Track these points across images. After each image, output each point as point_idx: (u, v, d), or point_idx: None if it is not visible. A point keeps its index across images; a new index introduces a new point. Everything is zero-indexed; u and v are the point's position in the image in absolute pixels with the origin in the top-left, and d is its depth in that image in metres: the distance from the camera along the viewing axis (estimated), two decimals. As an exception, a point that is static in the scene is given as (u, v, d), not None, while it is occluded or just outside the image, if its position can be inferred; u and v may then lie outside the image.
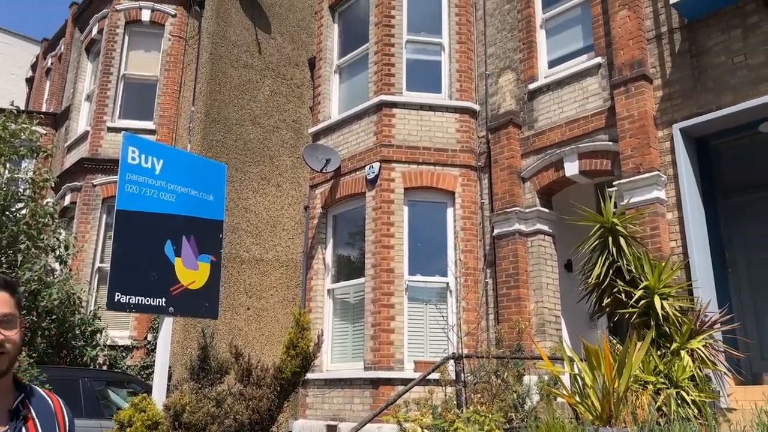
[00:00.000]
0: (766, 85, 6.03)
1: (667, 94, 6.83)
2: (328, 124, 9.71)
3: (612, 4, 7.41)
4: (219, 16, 10.84)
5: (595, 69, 7.60)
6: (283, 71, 11.44)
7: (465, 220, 8.36)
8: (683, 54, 6.79)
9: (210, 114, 10.28)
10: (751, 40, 6.25)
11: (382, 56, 9.09)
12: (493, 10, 9.12)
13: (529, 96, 8.28)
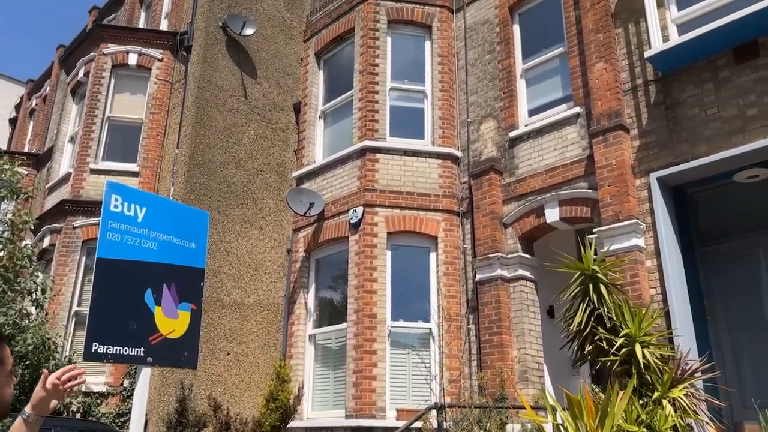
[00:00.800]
0: (739, 137, 6.22)
1: (643, 143, 7.00)
2: (312, 168, 9.78)
3: (589, 56, 7.65)
4: (206, 61, 10.98)
5: (573, 118, 7.79)
6: (269, 115, 11.56)
7: (448, 265, 8.39)
8: (658, 105, 7.00)
9: (194, 157, 10.30)
10: (723, 94, 6.47)
11: (367, 102, 9.24)
12: (475, 60, 9.35)
13: (510, 143, 8.43)
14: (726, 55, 6.53)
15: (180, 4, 12.46)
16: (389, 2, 9.76)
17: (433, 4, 9.81)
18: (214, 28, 11.28)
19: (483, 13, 9.45)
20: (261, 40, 11.91)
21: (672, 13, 7.15)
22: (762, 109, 6.13)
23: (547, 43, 8.62)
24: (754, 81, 6.26)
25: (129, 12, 15.01)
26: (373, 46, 9.52)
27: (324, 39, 10.44)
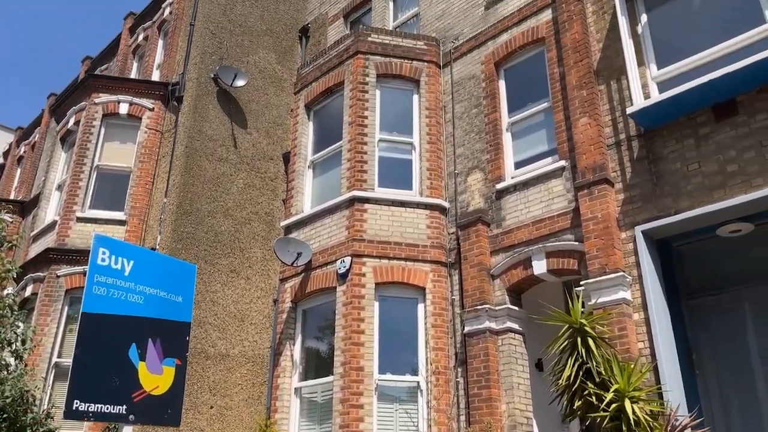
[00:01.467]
0: (720, 192, 6.35)
1: (628, 197, 7.11)
2: (300, 217, 9.80)
3: (573, 111, 7.83)
4: (196, 111, 11.10)
5: (559, 171, 7.92)
6: (258, 165, 11.64)
7: (436, 316, 8.35)
8: (641, 160, 7.14)
9: (182, 206, 10.30)
10: (704, 150, 6.63)
11: (355, 153, 9.35)
12: (462, 114, 9.54)
13: (497, 195, 8.53)
14: (706, 112, 6.72)
15: (172, 55, 12.67)
16: (378, 57, 9.99)
17: (421, 60, 10.06)
18: (205, 79, 11.46)
19: (469, 68, 9.70)
20: (252, 91, 12.09)
21: (652, 71, 7.39)
22: (742, 165, 6.28)
23: (533, 98, 8.83)
24: (733, 138, 6.43)
25: (122, 62, 15.23)
26: (363, 98, 9.69)
27: (314, 91, 10.63)
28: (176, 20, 13.12)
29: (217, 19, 12.11)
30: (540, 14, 8.92)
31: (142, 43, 14.95)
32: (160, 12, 14.32)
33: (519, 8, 9.25)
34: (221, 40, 12.02)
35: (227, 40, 12.12)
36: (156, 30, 14.29)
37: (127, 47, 15.46)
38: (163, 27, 14.21)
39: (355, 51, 10.02)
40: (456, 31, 10.19)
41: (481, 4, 9.94)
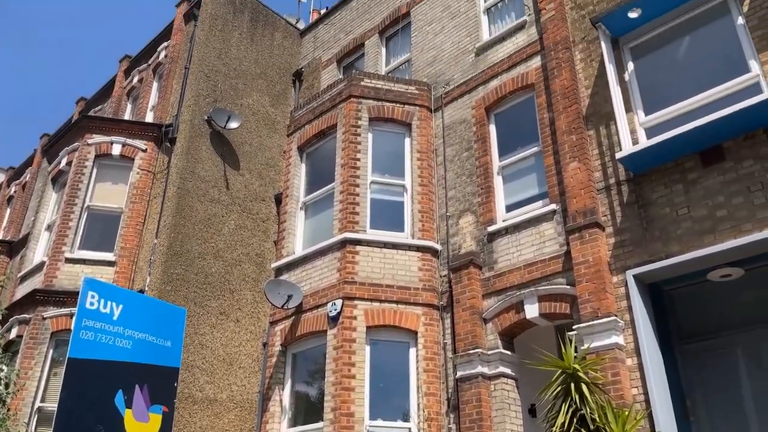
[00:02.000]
0: (710, 237, 6.40)
1: (619, 241, 7.15)
2: (291, 259, 9.75)
3: (563, 156, 7.93)
4: (189, 153, 11.15)
5: (550, 215, 7.97)
6: (250, 206, 11.65)
7: (428, 361, 8.25)
8: (631, 204, 7.21)
9: (173, 247, 10.24)
10: (693, 195, 6.71)
11: (347, 195, 9.38)
12: (453, 157, 9.64)
13: (489, 238, 8.55)
14: (693, 157, 6.83)
15: (166, 97, 12.79)
16: (371, 101, 10.13)
17: (413, 104, 10.20)
18: (199, 121, 11.55)
19: (460, 113, 9.84)
20: (245, 133, 12.19)
21: (640, 117, 7.53)
22: (730, 210, 6.35)
23: (523, 142, 8.95)
24: (721, 183, 6.52)
25: (116, 104, 15.34)
26: (355, 141, 9.78)
27: (307, 133, 10.72)
28: (171, 63, 13.29)
29: (212, 62, 12.29)
30: (529, 61, 9.12)
31: (137, 85, 15.10)
32: (156, 55, 14.52)
33: (509, 55, 9.46)
34: (215, 83, 12.17)
35: (221, 83, 12.27)
36: (151, 72, 14.45)
37: (122, 89, 15.61)
38: (158, 70, 14.38)
39: (348, 95, 10.16)
40: (447, 76, 10.38)
41: (471, 50, 10.16)
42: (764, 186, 6.20)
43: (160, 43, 14.65)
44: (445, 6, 11.08)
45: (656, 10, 7.61)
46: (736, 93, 6.71)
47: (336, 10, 13.83)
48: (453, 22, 10.77)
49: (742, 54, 6.91)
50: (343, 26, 13.38)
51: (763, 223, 6.08)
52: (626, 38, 8.01)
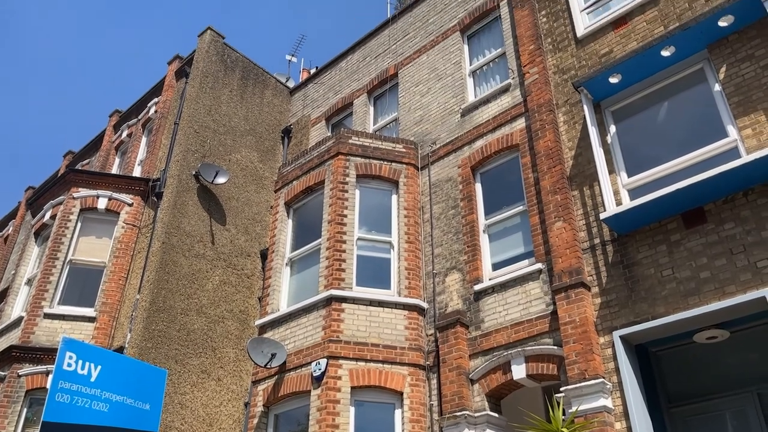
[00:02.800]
0: (695, 298, 6.42)
1: (605, 301, 7.15)
2: (275, 316, 9.62)
3: (548, 215, 8.01)
4: (176, 207, 11.12)
5: (536, 274, 7.98)
6: (235, 261, 11.56)
7: (414, 423, 8.06)
8: (616, 264, 7.25)
9: (155, 303, 10.08)
10: (676, 256, 6.77)
11: (334, 252, 9.35)
12: (440, 214, 9.70)
13: (475, 296, 8.52)
14: (676, 219, 6.93)
15: (155, 152, 12.86)
16: (359, 158, 10.25)
17: (400, 162, 10.33)
18: (186, 176, 11.58)
19: (446, 171, 9.97)
20: (232, 188, 12.22)
21: (623, 179, 7.66)
22: (714, 272, 6.40)
23: (508, 201, 9.04)
24: (703, 245, 6.60)
25: (104, 157, 15.38)
26: (342, 197, 9.83)
27: (295, 189, 10.77)
28: (161, 119, 13.43)
29: (202, 118, 12.42)
30: (514, 122, 9.32)
31: (126, 140, 15.19)
32: (146, 110, 14.68)
33: (494, 116, 9.67)
34: (204, 138, 12.28)
35: (210, 139, 12.38)
36: (140, 127, 14.58)
37: (110, 143, 15.69)
38: (147, 125, 14.51)
39: (336, 152, 10.28)
40: (433, 135, 10.57)
41: (457, 111, 10.38)
42: (746, 248, 6.28)
43: (150, 98, 14.84)
44: (431, 68, 11.38)
45: (636, 76, 7.86)
46: (716, 156, 6.89)
47: (325, 70, 14.15)
48: (439, 84, 11.04)
49: (720, 119, 7.13)
50: (332, 85, 13.66)
51: (746, 285, 6.12)
52: (608, 102, 8.24)
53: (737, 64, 7.15)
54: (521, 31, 9.83)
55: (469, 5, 11.32)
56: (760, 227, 6.27)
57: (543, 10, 9.88)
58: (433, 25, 11.91)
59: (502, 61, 10.40)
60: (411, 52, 12.04)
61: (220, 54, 13.58)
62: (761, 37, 7.05)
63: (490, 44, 10.84)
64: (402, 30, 12.60)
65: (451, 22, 11.52)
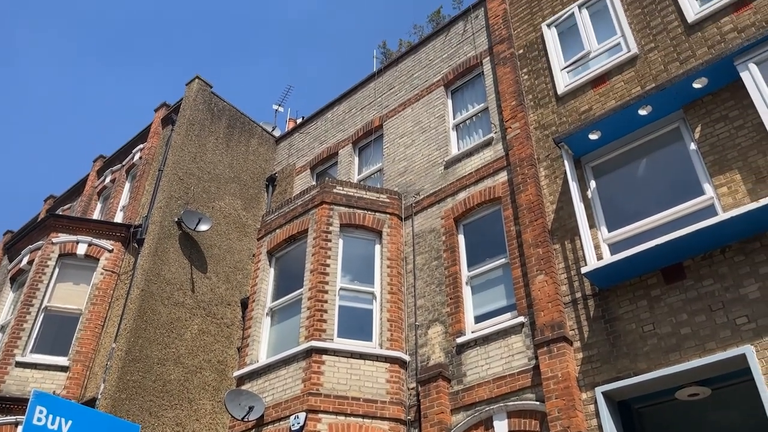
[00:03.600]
0: (676, 355, 6.42)
1: (587, 356, 7.13)
2: (254, 368, 9.43)
3: (530, 268, 8.05)
4: (156, 254, 11.01)
5: (519, 327, 7.96)
6: (215, 310, 11.39)
7: (393, 480, 7.85)
8: (598, 319, 7.26)
9: (131, 352, 9.85)
10: (657, 311, 6.80)
11: (316, 302, 9.27)
12: (423, 265, 9.70)
13: (458, 350, 8.45)
14: (656, 274, 6.99)
15: (138, 198, 12.81)
16: (342, 208, 10.29)
17: (384, 212, 10.38)
18: (169, 222, 11.51)
19: (430, 222, 10.03)
20: (215, 235, 12.15)
21: (603, 233, 7.75)
22: (694, 328, 6.43)
23: (491, 253, 9.08)
24: (683, 301, 6.65)
25: (86, 203, 15.28)
26: (326, 247, 9.81)
27: (278, 238, 10.74)
28: (145, 165, 13.43)
29: (187, 165, 12.45)
30: (496, 175, 9.46)
31: (109, 185, 15.13)
32: (131, 156, 14.69)
33: (476, 169, 9.81)
34: (188, 185, 12.27)
35: (194, 186, 12.38)
36: (124, 173, 14.55)
37: (93, 188, 15.61)
38: (131, 171, 14.49)
39: (320, 201, 10.31)
40: (417, 186, 10.67)
41: (440, 163, 10.52)
42: (725, 305, 6.33)
43: (135, 145, 14.87)
44: (416, 121, 11.58)
45: (615, 133, 8.06)
46: (694, 213, 7.01)
47: (311, 120, 14.33)
48: (423, 136, 11.22)
49: (696, 177, 7.29)
50: (317, 135, 13.82)
51: (726, 343, 6.15)
52: (588, 158, 8.41)
53: (712, 124, 7.37)
54: (503, 88, 10.09)
55: (453, 61, 11.63)
56: (738, 284, 6.34)
57: (525, 68, 10.17)
58: (418, 79, 12.19)
59: (484, 116, 10.62)
60: (396, 105, 12.27)
61: (207, 102, 13.72)
62: (734, 99, 7.30)
63: (474, 99, 11.09)
64: (387, 83, 12.86)
65: (436, 77, 11.79)
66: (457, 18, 12.21)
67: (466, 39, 11.67)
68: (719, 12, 8.07)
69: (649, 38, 8.69)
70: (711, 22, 8.10)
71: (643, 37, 8.78)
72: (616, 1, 9.43)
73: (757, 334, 5.99)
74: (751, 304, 6.16)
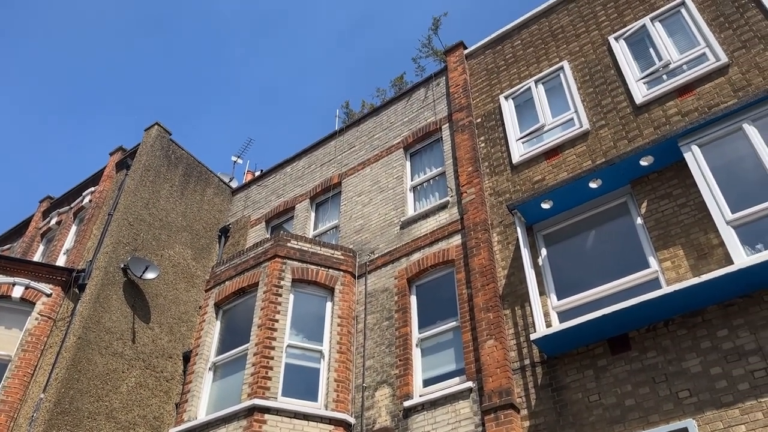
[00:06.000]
0: (620, 426, 6.43)
1: (533, 425, 7.07)
2: (192, 425, 9.00)
3: (480, 333, 8.05)
4: (98, 301, 10.57)
5: (466, 392, 7.87)
6: (155, 362, 10.92)
7: None
8: (545, 387, 7.25)
9: (61, 404, 9.29)
10: (603, 381, 6.84)
11: (261, 358, 9.00)
12: (374, 325, 9.59)
13: (404, 413, 8.27)
14: (602, 345, 7.08)
15: (83, 242, 12.39)
16: (296, 262, 10.17)
17: (338, 269, 10.31)
18: (114, 268, 11.13)
19: (383, 281, 9.99)
20: (161, 284, 11.79)
21: (552, 300, 7.85)
22: (638, 400, 6.48)
23: (442, 315, 9.06)
24: (628, 372, 6.72)
25: (27, 244, 14.68)
26: (275, 301, 9.63)
27: (226, 290, 10.49)
28: (95, 209, 13.07)
29: (138, 211, 12.18)
30: (450, 238, 9.56)
31: (54, 227, 14.62)
32: (80, 199, 14.29)
33: (431, 231, 9.91)
34: (138, 231, 11.97)
35: (144, 233, 12.08)
36: (71, 215, 14.11)
37: (36, 230, 15.05)
38: (79, 214, 14.07)
39: (274, 254, 10.18)
40: (372, 245, 10.67)
41: (397, 223, 10.59)
42: (668, 378, 6.43)
43: (86, 187, 14.51)
44: (374, 180, 11.70)
45: (566, 203, 8.30)
46: (639, 285, 7.19)
47: (270, 174, 14.32)
48: (381, 196, 11.32)
49: (642, 250, 7.52)
50: (275, 189, 13.78)
51: (669, 416, 6.21)
52: (540, 226, 8.60)
53: (657, 200, 7.68)
54: (461, 154, 10.34)
55: (414, 126, 11.91)
56: (680, 357, 6.46)
57: (482, 136, 10.48)
58: (378, 140, 12.39)
59: (441, 180, 10.82)
60: (356, 164, 12.40)
61: (165, 149, 13.58)
62: (678, 178, 7.65)
63: (431, 162, 11.31)
64: (348, 142, 13.03)
65: (396, 139, 12.02)
66: (420, 84, 12.58)
67: (427, 105, 12.00)
68: (665, 96, 8.56)
69: (600, 116, 9.11)
70: (657, 105, 8.56)
71: (594, 114, 9.21)
72: (570, 79, 9.91)
73: (699, 408, 6.07)
74: (692, 378, 6.27)
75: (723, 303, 6.48)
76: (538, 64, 10.70)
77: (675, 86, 8.50)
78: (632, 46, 9.63)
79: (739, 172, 7.02)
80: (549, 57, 10.62)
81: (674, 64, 8.79)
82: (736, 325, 6.29)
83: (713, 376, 6.15)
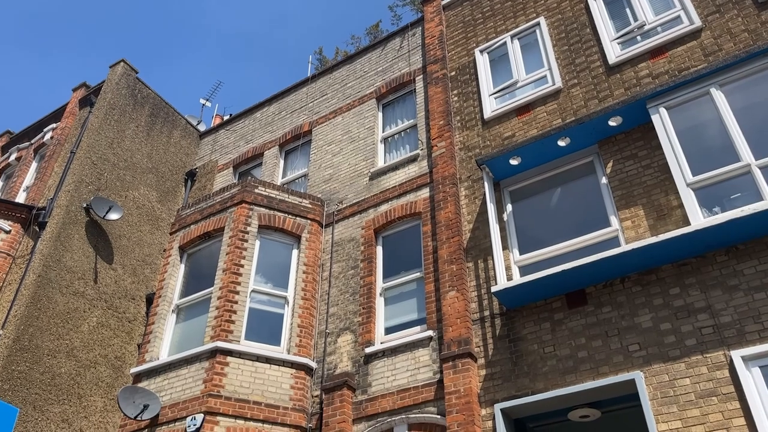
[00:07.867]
0: (572, 376, 6.69)
1: (489, 374, 7.30)
2: (154, 365, 9.05)
3: (443, 284, 8.19)
4: (59, 240, 10.40)
5: (426, 341, 8.05)
6: (117, 303, 10.86)
7: (288, 488, 7.71)
8: (503, 338, 7.46)
9: (20, 340, 9.22)
10: (558, 334, 7.07)
11: (225, 302, 9.03)
12: (339, 273, 9.66)
13: (366, 360, 8.44)
14: (560, 299, 7.28)
15: (44, 179, 12.09)
16: (263, 209, 10.11)
17: (305, 217, 10.29)
18: (76, 207, 10.92)
19: (350, 231, 10.03)
20: (125, 226, 11.64)
21: (515, 255, 8.00)
22: (590, 352, 6.73)
23: (407, 266, 9.17)
24: (582, 326, 6.95)
25: (-15, 179, 14.26)
26: (241, 247, 9.60)
27: (192, 233, 10.41)
28: (56, 146, 12.71)
29: (102, 150, 11.89)
30: (419, 191, 9.59)
31: (13, 163, 14.21)
32: (41, 135, 13.87)
33: (400, 183, 9.92)
34: (102, 171, 11.71)
35: (108, 173, 11.83)
36: (32, 152, 13.71)
37: (-5, 165, 14.60)
38: (40, 150, 13.68)
39: (241, 200, 10.10)
40: (341, 195, 10.65)
41: (366, 174, 10.56)
42: (620, 332, 6.67)
43: (48, 123, 14.07)
44: (345, 130, 11.60)
45: (534, 160, 8.38)
46: (599, 243, 7.37)
47: (239, 119, 14.06)
48: (351, 146, 11.24)
49: (604, 209, 7.68)
50: (244, 134, 13.56)
51: (618, 368, 6.47)
52: (507, 182, 8.68)
53: (623, 161, 7.80)
54: (433, 107, 10.28)
55: (387, 76, 11.76)
56: (633, 313, 6.70)
57: (455, 90, 10.42)
58: (351, 89, 12.23)
59: (413, 132, 10.78)
60: (327, 112, 12.25)
61: (131, 88, 13.19)
62: (644, 139, 7.76)
63: (404, 114, 11.24)
64: (320, 90, 12.83)
65: (369, 89, 11.88)
66: (395, 34, 12.38)
67: (402, 55, 11.84)
68: (637, 57, 8.59)
69: (573, 74, 9.13)
70: (630, 66, 8.60)
71: (567, 73, 9.21)
72: (546, 36, 9.86)
73: (647, 361, 6.33)
74: (643, 333, 6.52)
75: (677, 262, 6.70)
76: (515, 18, 10.60)
77: (648, 48, 8.54)
78: (609, 5, 9.59)
79: (704, 136, 7.15)
80: (526, 12, 10.52)
81: (649, 26, 8.81)
82: (688, 284, 6.52)
83: (663, 331, 6.40)
